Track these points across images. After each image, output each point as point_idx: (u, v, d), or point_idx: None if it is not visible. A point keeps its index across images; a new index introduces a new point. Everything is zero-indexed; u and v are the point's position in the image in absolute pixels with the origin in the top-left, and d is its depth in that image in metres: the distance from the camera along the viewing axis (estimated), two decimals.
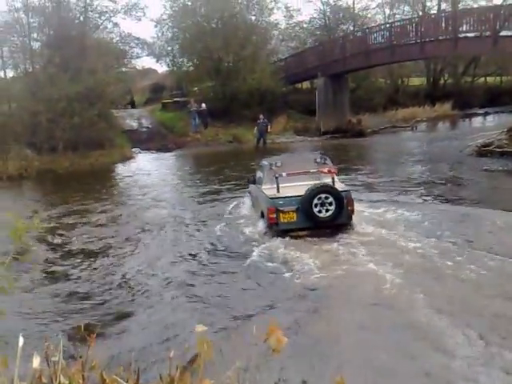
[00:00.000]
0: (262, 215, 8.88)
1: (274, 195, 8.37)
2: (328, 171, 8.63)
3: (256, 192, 9.68)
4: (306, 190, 8.13)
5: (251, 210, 10.12)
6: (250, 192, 10.68)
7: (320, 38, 33.24)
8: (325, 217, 8.11)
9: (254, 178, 10.14)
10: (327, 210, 8.11)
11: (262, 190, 8.94)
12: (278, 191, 8.41)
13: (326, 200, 8.08)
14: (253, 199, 10.25)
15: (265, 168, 9.38)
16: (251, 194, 10.47)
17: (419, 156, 18.12)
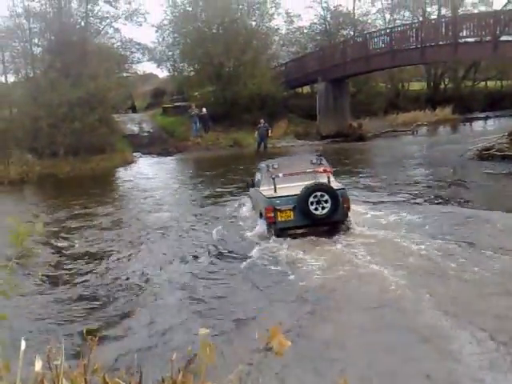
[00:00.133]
0: (260, 216, 9.01)
1: (272, 195, 8.55)
2: (323, 170, 8.82)
3: (255, 194, 9.85)
4: (302, 189, 8.27)
5: (251, 213, 10.22)
6: (249, 195, 10.83)
7: (320, 43, 33.31)
8: (321, 214, 8.24)
9: (253, 181, 10.30)
10: (323, 208, 8.23)
11: (260, 192, 9.12)
12: (276, 191, 8.58)
13: (321, 198, 8.22)
14: (252, 201, 10.41)
15: (262, 170, 9.59)
16: (251, 197, 10.62)
17: (420, 160, 18.12)
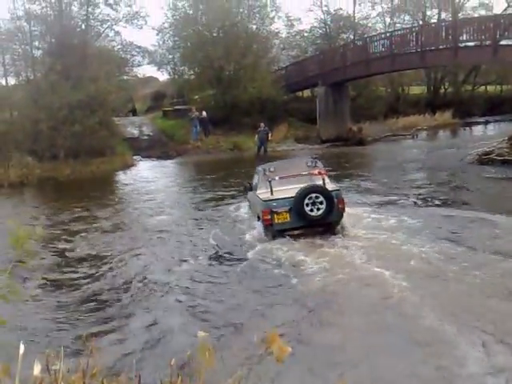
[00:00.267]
0: (258, 218, 9.15)
1: (268, 198, 8.72)
2: (318, 173, 9.00)
3: (252, 197, 9.98)
4: (298, 191, 8.44)
5: (250, 216, 10.32)
6: (247, 198, 10.95)
7: (321, 47, 33.32)
8: (316, 215, 8.39)
9: (251, 184, 10.41)
10: (318, 209, 8.39)
11: (257, 195, 9.25)
12: (272, 194, 8.74)
13: (316, 199, 8.39)
14: (250, 204, 10.56)
15: (259, 173, 9.74)
16: (249, 200, 10.75)
17: (420, 164, 18.12)
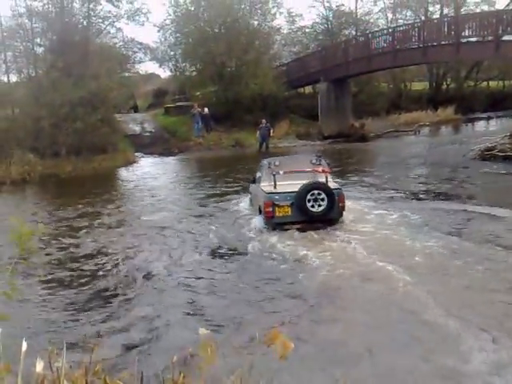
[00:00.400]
0: (259, 211, 9.31)
1: (271, 191, 8.96)
2: (322, 171, 9.22)
3: (255, 190, 10.16)
4: (300, 187, 8.67)
5: (251, 211, 10.41)
6: (250, 191, 11.10)
7: (322, 43, 33.21)
8: (317, 211, 8.65)
9: (255, 177, 10.56)
10: (319, 206, 8.64)
11: (260, 187, 9.45)
12: (275, 187, 8.98)
13: (318, 196, 8.64)
14: (252, 197, 10.71)
15: (264, 167, 9.92)
16: (251, 193, 10.90)
17: (423, 160, 18.12)
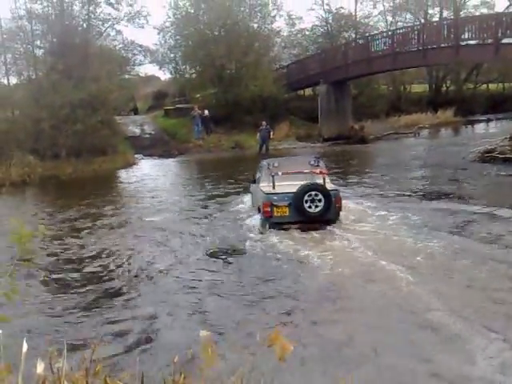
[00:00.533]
0: (258, 210, 9.50)
1: (270, 191, 9.14)
2: (320, 172, 9.40)
3: (254, 190, 10.39)
4: (298, 188, 8.83)
5: (251, 211, 10.54)
6: (250, 191, 11.29)
7: (322, 45, 33.27)
8: (314, 212, 8.80)
9: (255, 178, 10.74)
10: (316, 206, 8.79)
11: (259, 188, 9.62)
12: (274, 188, 9.16)
13: (315, 197, 8.79)
14: (252, 197, 10.92)
15: (263, 168, 10.15)
16: (251, 193, 11.10)
17: (423, 162, 18.13)
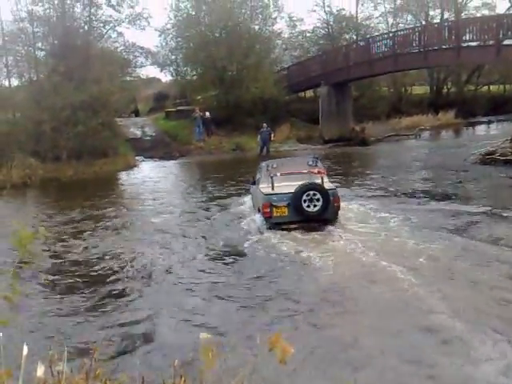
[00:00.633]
0: (258, 211, 9.67)
1: (269, 192, 9.31)
2: (318, 172, 9.58)
3: (254, 191, 10.62)
4: (296, 188, 8.98)
5: (252, 209, 10.72)
6: (250, 192, 11.48)
7: (323, 47, 33.22)
8: (313, 211, 8.95)
9: (254, 179, 10.90)
10: (315, 206, 8.95)
11: (259, 189, 9.80)
12: (273, 189, 9.33)
13: (314, 196, 8.94)
14: (252, 198, 11.11)
15: (262, 169, 10.37)
16: (251, 194, 11.29)
17: (424, 164, 18.12)
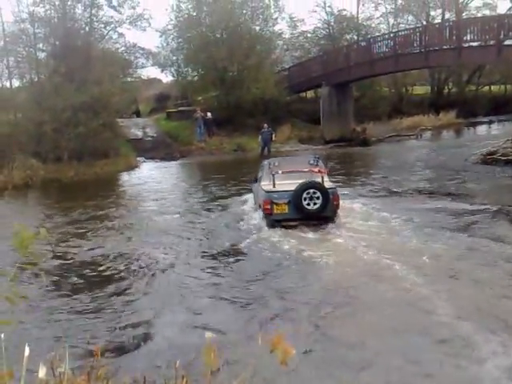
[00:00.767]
0: (259, 207, 9.85)
1: (270, 189, 9.46)
2: (318, 171, 9.69)
3: (256, 188, 10.72)
4: (297, 186, 9.13)
5: (253, 208, 10.83)
6: (252, 189, 11.63)
7: (324, 48, 33.22)
8: (312, 209, 9.10)
9: (256, 177, 11.05)
10: (315, 204, 9.09)
11: (260, 186, 9.95)
12: (274, 186, 9.46)
13: (313, 195, 9.08)
14: (254, 195, 11.28)
15: (264, 167, 10.53)
16: (253, 191, 11.45)
17: (425, 164, 18.12)
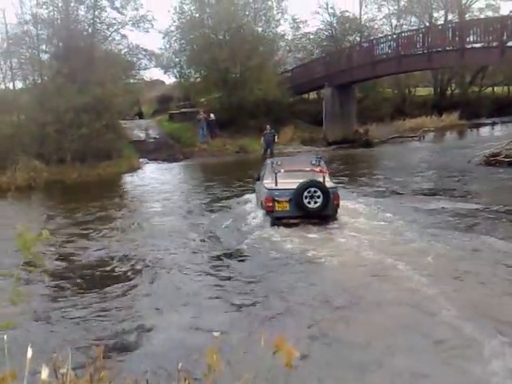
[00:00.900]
0: (261, 205, 9.98)
1: (272, 187, 9.66)
2: (320, 171, 9.90)
3: (259, 186, 10.95)
4: (298, 184, 9.34)
5: (256, 208, 10.92)
6: (255, 188, 11.79)
7: (327, 49, 33.21)
8: (313, 207, 9.30)
9: (259, 175, 11.21)
10: (315, 202, 9.29)
11: (263, 184, 10.16)
12: (276, 184, 9.65)
13: (314, 193, 9.30)
14: (256, 193, 11.43)
15: (267, 166, 10.70)
16: (256, 189, 11.61)
17: (428, 165, 18.11)
